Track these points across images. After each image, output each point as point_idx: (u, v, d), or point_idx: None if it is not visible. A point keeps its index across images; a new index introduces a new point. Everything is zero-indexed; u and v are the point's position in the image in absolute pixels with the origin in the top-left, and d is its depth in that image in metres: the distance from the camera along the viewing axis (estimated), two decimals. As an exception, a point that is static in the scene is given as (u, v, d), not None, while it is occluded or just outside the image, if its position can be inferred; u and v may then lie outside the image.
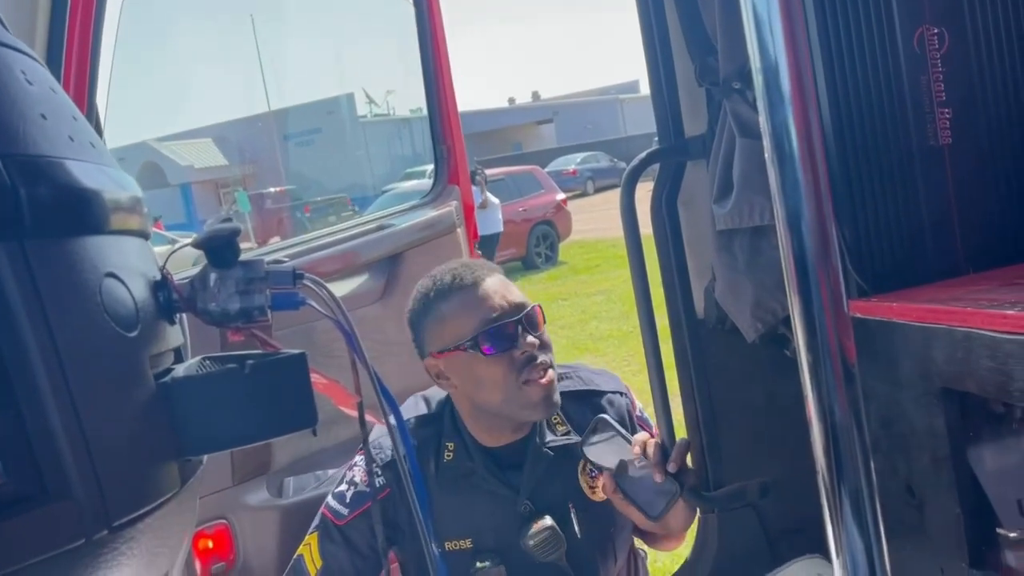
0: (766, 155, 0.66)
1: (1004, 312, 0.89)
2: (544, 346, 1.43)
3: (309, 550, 1.45)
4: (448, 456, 1.46)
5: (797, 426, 0.96)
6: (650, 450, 1.35)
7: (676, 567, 1.63)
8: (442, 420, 1.49)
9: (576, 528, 1.46)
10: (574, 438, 1.45)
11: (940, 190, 1.16)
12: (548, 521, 1.42)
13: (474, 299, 1.40)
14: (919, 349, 1.02)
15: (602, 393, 1.57)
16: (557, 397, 1.42)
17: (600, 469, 1.38)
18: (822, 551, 1.41)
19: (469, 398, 1.44)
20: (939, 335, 0.98)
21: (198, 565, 1.80)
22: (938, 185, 1.16)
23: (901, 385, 1.07)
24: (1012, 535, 1.00)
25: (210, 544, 1.80)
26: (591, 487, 1.49)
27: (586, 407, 1.52)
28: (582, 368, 1.63)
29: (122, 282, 0.60)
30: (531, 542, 1.41)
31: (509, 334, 1.38)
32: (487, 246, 11.39)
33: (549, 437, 1.48)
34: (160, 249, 0.75)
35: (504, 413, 1.42)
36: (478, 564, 1.43)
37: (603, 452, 1.39)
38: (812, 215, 0.63)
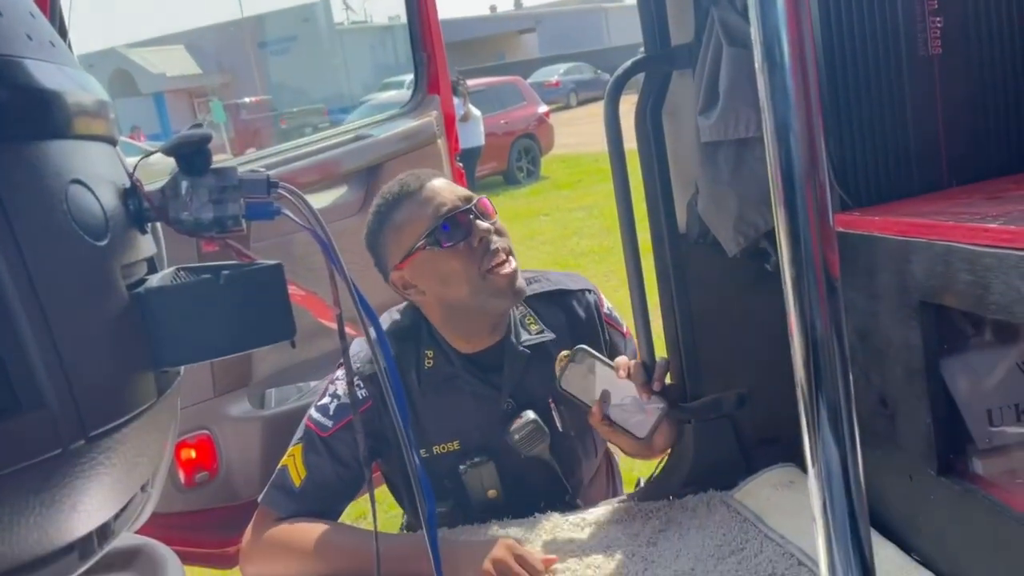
0: (755, 64, 0.64)
1: (985, 226, 0.89)
2: (499, 232, 1.47)
3: (293, 461, 1.47)
4: (428, 363, 1.50)
5: (774, 339, 0.96)
6: (633, 372, 1.39)
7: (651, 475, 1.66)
8: (419, 330, 1.52)
9: (557, 422, 1.52)
10: (548, 336, 1.52)
11: (927, 102, 1.14)
12: (531, 415, 1.48)
13: (423, 199, 1.45)
14: (899, 263, 1.03)
15: (571, 292, 1.62)
16: (522, 283, 1.47)
17: (584, 402, 1.42)
18: (795, 460, 1.44)
19: (439, 300, 1.47)
20: (919, 249, 0.99)
21: (182, 474, 1.82)
22: (926, 96, 1.14)
23: (880, 298, 1.08)
24: (981, 445, 1.03)
25: (193, 454, 1.82)
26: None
27: (557, 307, 1.58)
28: (551, 272, 1.68)
29: (89, 189, 0.58)
30: (516, 436, 1.47)
31: (462, 223, 1.43)
32: (468, 160, 11.23)
33: (524, 336, 1.53)
34: (134, 160, 0.73)
35: (474, 306, 1.45)
36: (467, 461, 1.49)
37: (583, 381, 1.42)
38: (801, 126, 0.61)
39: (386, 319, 1.57)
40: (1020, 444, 1.03)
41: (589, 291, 1.63)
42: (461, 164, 2.41)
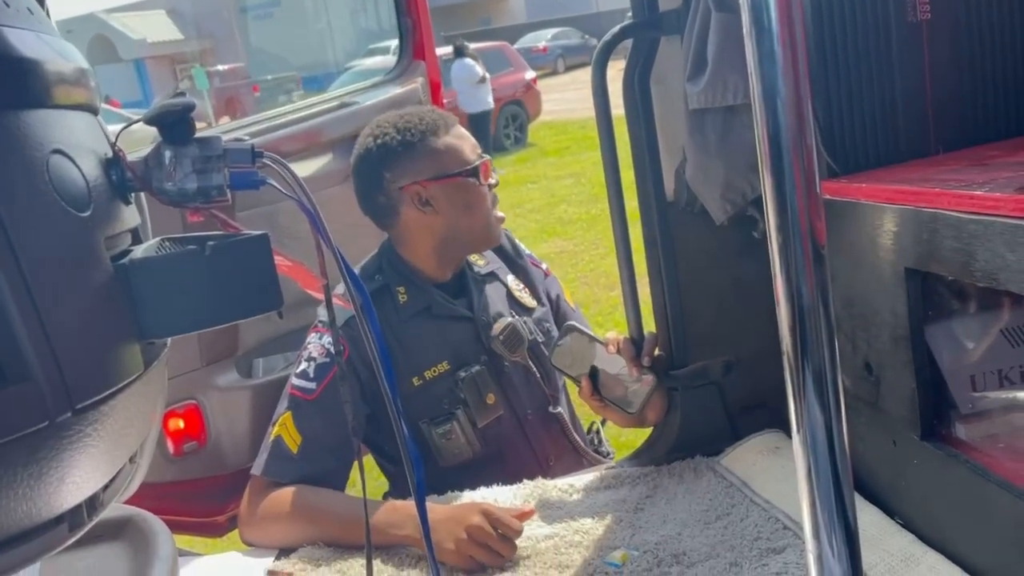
0: (743, 29, 0.64)
1: (971, 192, 0.89)
2: None
3: (286, 429, 1.48)
4: (403, 298, 1.60)
5: (761, 307, 0.97)
6: (622, 347, 1.43)
7: (639, 442, 1.68)
8: (382, 272, 1.62)
9: (525, 332, 1.65)
10: (495, 264, 1.74)
11: (916, 68, 1.14)
12: (507, 319, 1.62)
13: (461, 134, 1.60)
14: (886, 230, 1.03)
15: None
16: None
17: (575, 378, 1.44)
18: (780, 426, 1.46)
19: (449, 224, 1.57)
20: (906, 216, 0.99)
21: (170, 444, 1.82)
22: (914, 63, 1.13)
23: (866, 265, 1.09)
24: (964, 410, 1.04)
25: (181, 424, 1.82)
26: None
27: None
28: None
29: (71, 159, 0.57)
30: (500, 337, 1.59)
31: (487, 170, 1.61)
32: (481, 124, 11.10)
33: (476, 268, 1.71)
34: (115, 129, 0.72)
35: (477, 238, 1.61)
36: (460, 373, 1.57)
37: (573, 358, 1.44)
38: (789, 92, 0.61)
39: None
40: (1002, 409, 1.05)
41: (506, 231, 1.81)
42: (473, 129, 2.39)
